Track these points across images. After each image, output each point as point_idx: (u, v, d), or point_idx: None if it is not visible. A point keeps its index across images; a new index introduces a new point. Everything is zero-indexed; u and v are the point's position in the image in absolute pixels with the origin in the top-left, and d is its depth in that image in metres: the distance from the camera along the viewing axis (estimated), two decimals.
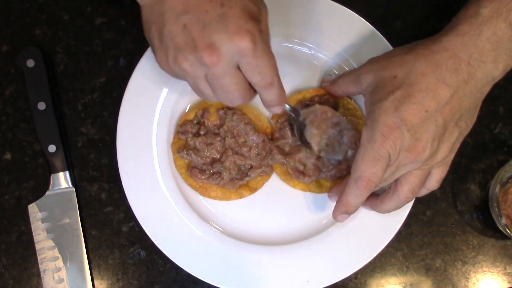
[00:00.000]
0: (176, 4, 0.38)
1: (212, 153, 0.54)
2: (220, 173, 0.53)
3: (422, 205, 0.57)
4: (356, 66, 0.56)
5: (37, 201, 0.55)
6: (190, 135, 0.54)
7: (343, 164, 0.54)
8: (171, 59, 0.40)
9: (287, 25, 0.56)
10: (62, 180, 0.55)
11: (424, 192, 0.48)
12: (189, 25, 0.38)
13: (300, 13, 0.56)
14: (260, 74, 0.41)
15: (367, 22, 0.55)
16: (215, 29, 0.38)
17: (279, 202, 0.55)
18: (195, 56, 0.39)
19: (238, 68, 0.41)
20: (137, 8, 0.59)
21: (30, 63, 0.55)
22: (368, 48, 0.55)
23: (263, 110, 0.56)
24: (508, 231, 0.53)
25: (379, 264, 0.56)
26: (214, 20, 0.38)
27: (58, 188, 0.55)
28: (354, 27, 0.55)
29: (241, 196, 0.54)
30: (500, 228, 0.54)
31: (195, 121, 0.55)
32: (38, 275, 0.54)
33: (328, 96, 0.55)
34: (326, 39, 0.56)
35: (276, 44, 0.56)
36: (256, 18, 0.39)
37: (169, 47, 0.40)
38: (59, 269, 0.54)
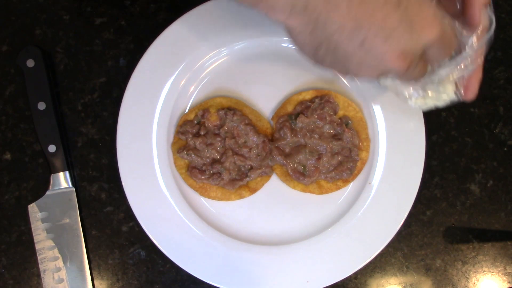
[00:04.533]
0: (345, 20, 0.33)
1: (212, 153, 0.54)
2: (220, 173, 0.53)
3: (422, 205, 0.57)
4: None
5: (37, 201, 0.55)
6: (190, 136, 0.54)
7: (342, 166, 0.54)
8: (352, 73, 0.37)
9: None
10: (62, 180, 0.55)
11: None
12: (368, 39, 0.34)
13: None
14: (445, 52, 0.38)
15: None
16: (402, 34, 0.34)
17: (279, 203, 0.55)
18: (385, 69, 0.36)
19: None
20: (137, 8, 0.59)
21: (30, 63, 0.55)
22: None
23: (263, 110, 0.56)
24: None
25: (379, 264, 0.56)
26: (397, 25, 0.34)
27: (58, 188, 0.55)
28: None
29: (241, 197, 0.54)
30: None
31: (195, 122, 0.55)
32: (38, 275, 0.54)
33: (328, 96, 0.55)
34: None
35: (276, 44, 0.56)
36: (432, 2, 0.36)
37: (349, 69, 0.36)
38: (59, 269, 0.54)
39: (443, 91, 0.47)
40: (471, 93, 0.46)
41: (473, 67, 0.44)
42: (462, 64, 0.44)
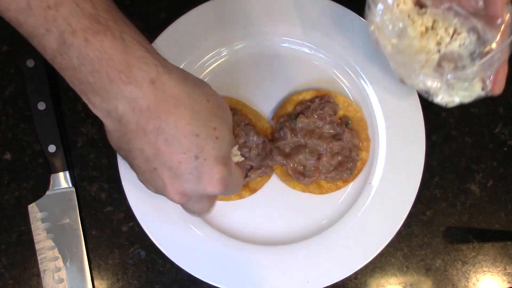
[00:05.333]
0: (146, 148, 0.36)
1: None
2: None
3: (422, 205, 0.57)
4: (356, 66, 0.56)
5: (37, 201, 0.55)
6: None
7: (342, 166, 0.54)
8: (140, 180, 0.40)
9: (287, 25, 0.56)
10: (62, 180, 0.55)
11: None
12: (159, 169, 0.37)
13: (300, 13, 0.56)
14: (228, 194, 0.44)
15: (367, 22, 0.55)
16: (187, 180, 0.37)
17: (279, 203, 0.55)
18: (164, 194, 0.39)
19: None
20: (137, 8, 0.59)
21: (30, 63, 0.55)
22: (368, 48, 0.55)
23: (263, 110, 0.56)
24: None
25: (379, 264, 0.56)
26: (187, 173, 0.37)
27: (58, 188, 0.55)
28: (354, 27, 0.55)
29: (241, 197, 0.54)
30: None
31: None
32: (38, 275, 0.54)
33: (328, 96, 0.55)
34: (326, 39, 0.56)
35: (276, 44, 0.56)
36: (227, 160, 0.39)
37: (138, 174, 0.40)
38: (59, 269, 0.54)
39: (470, 88, 0.48)
40: (499, 88, 0.48)
41: (500, 63, 0.46)
42: (488, 62, 0.45)
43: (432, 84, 0.48)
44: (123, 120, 0.36)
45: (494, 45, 0.45)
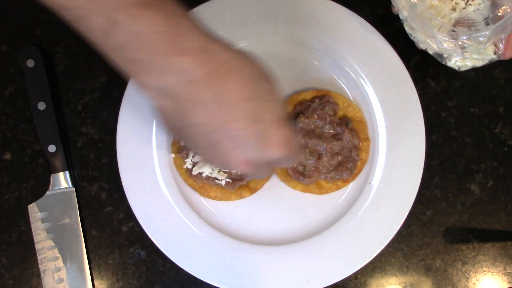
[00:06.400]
0: (206, 120, 0.35)
1: None
2: None
3: (422, 205, 0.57)
4: (356, 66, 0.56)
5: (37, 201, 0.55)
6: None
7: (342, 166, 0.54)
8: (203, 157, 0.40)
9: (287, 25, 0.56)
10: (62, 180, 0.55)
11: None
12: (221, 141, 0.36)
13: (300, 13, 0.56)
14: (288, 164, 0.42)
15: (367, 22, 0.55)
16: (250, 147, 0.36)
17: (279, 203, 0.55)
18: (228, 167, 0.38)
19: None
20: None
21: (30, 63, 0.55)
22: (368, 48, 0.55)
23: None
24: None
25: (379, 264, 0.56)
26: (249, 139, 0.36)
27: (58, 188, 0.55)
28: (354, 27, 0.55)
29: (241, 197, 0.54)
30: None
31: None
32: (38, 275, 0.54)
33: (328, 96, 0.55)
34: (326, 39, 0.56)
35: (276, 44, 0.56)
36: (286, 122, 0.38)
37: (200, 152, 0.39)
38: (59, 269, 0.54)
39: (483, 52, 0.49)
40: (510, 52, 0.48)
41: None
42: (502, 26, 0.46)
43: (446, 46, 0.49)
44: (178, 94, 0.35)
45: (507, 10, 0.47)
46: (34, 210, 0.55)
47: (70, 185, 0.55)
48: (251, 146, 0.36)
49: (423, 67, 0.58)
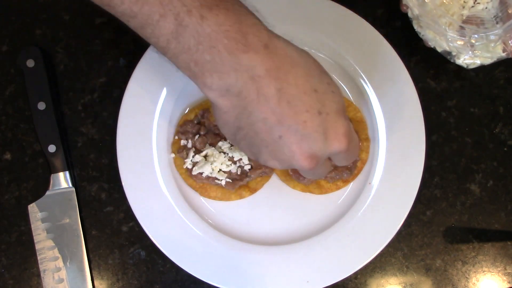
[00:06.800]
0: (269, 115, 0.36)
1: None
2: None
3: (422, 205, 0.57)
4: (356, 66, 0.56)
5: (37, 201, 0.55)
6: (191, 135, 0.54)
7: (342, 166, 0.54)
8: (262, 161, 0.39)
9: (287, 25, 0.56)
10: (62, 180, 0.55)
11: None
12: (285, 136, 0.36)
13: (300, 13, 0.56)
14: (348, 161, 0.42)
15: (367, 22, 0.55)
16: (315, 140, 0.37)
17: (279, 203, 0.55)
18: (292, 163, 0.38)
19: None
20: None
21: (30, 63, 0.55)
22: (368, 48, 0.55)
23: None
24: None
25: (379, 264, 0.56)
26: (314, 131, 0.36)
27: (58, 188, 0.55)
28: (354, 27, 0.55)
29: (241, 197, 0.54)
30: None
31: (195, 122, 0.55)
32: (38, 275, 0.54)
33: None
34: (326, 39, 0.56)
35: None
36: (346, 114, 0.39)
37: (259, 156, 0.39)
38: (59, 269, 0.54)
39: (492, 50, 0.50)
40: None
41: None
42: (511, 25, 0.47)
43: (455, 45, 0.49)
44: (243, 92, 0.35)
45: None
46: (34, 210, 0.55)
47: (70, 185, 0.55)
48: (315, 138, 0.37)
49: (423, 67, 0.58)
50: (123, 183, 0.53)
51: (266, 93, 0.35)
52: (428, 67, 0.58)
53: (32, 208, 0.55)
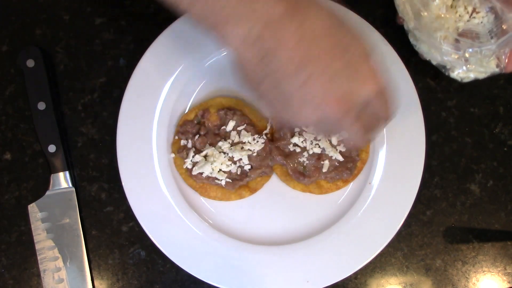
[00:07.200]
0: (292, 58, 0.35)
1: None
2: None
3: (422, 205, 0.57)
4: None
5: (37, 201, 0.55)
6: (191, 135, 0.54)
7: (342, 165, 0.54)
8: (291, 113, 0.37)
9: None
10: (62, 180, 0.55)
11: None
12: (312, 77, 0.35)
13: None
14: (385, 111, 0.39)
15: (367, 22, 0.55)
16: (344, 79, 0.35)
17: (279, 203, 0.55)
18: (321, 111, 0.36)
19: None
20: (137, 8, 0.59)
21: (30, 63, 0.55)
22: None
23: (263, 110, 0.56)
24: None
25: (379, 264, 0.56)
26: (341, 69, 0.35)
27: (58, 188, 0.55)
28: (354, 27, 0.55)
29: (241, 197, 0.54)
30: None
31: (195, 122, 0.55)
32: (38, 275, 0.54)
33: None
34: None
35: None
36: (371, 56, 0.37)
37: (289, 108, 0.37)
38: (59, 269, 0.54)
39: (486, 65, 0.50)
40: None
41: None
42: (506, 41, 0.48)
43: (450, 58, 0.50)
44: (261, 37, 0.35)
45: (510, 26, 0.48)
46: (34, 210, 0.55)
47: (70, 185, 0.55)
48: (342, 78, 0.35)
49: (423, 67, 0.58)
50: (123, 183, 0.53)
51: (285, 35, 0.34)
52: (428, 67, 0.58)
53: (32, 208, 0.55)
